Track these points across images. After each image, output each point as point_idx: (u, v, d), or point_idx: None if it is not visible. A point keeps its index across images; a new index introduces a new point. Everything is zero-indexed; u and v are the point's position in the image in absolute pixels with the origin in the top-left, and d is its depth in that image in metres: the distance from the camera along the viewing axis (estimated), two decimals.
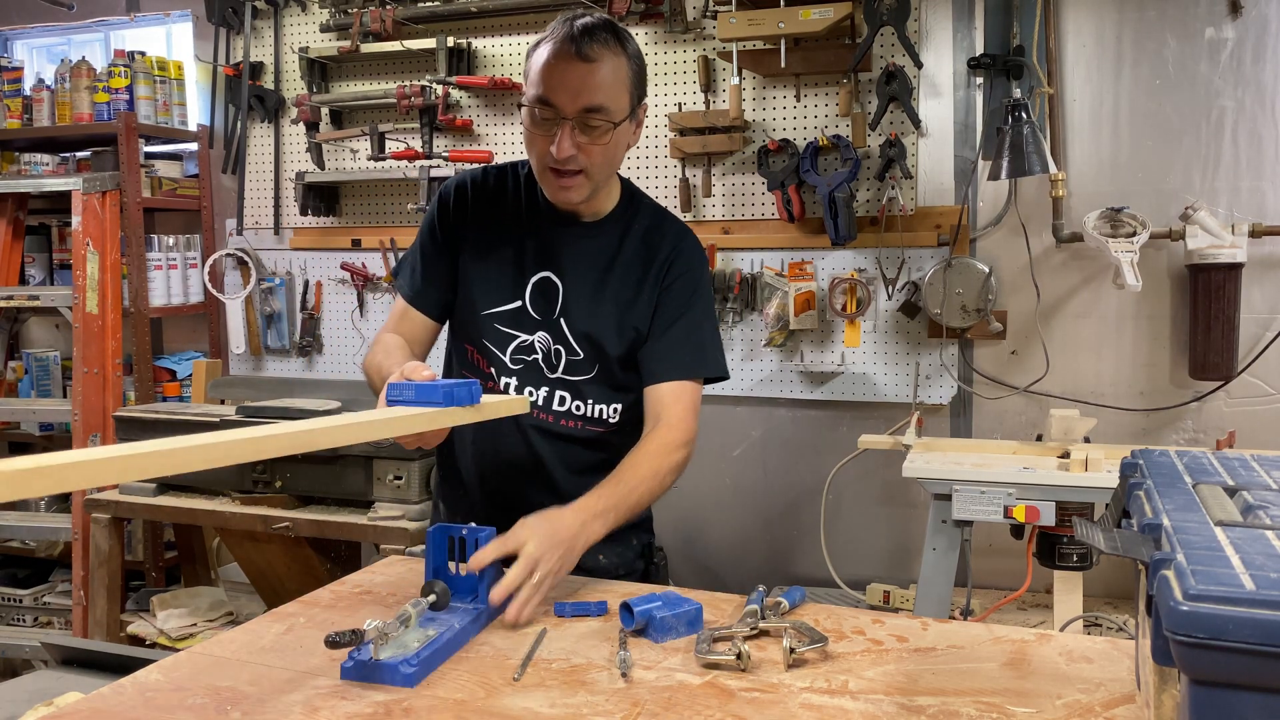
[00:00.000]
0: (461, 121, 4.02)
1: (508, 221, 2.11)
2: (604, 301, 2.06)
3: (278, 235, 4.41)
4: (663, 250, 2.09)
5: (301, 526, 3.25)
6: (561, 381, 2.08)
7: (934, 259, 3.53)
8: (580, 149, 1.92)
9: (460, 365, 2.18)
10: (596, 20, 1.92)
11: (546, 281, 2.07)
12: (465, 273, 2.12)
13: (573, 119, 1.90)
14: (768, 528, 3.89)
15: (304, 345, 4.38)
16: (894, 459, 3.23)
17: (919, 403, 3.58)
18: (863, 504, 3.75)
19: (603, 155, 1.96)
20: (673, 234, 2.12)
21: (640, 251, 2.09)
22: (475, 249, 2.11)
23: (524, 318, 2.08)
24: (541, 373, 2.08)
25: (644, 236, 2.10)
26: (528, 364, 2.08)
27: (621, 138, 1.98)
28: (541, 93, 1.90)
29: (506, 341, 2.09)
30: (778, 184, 3.61)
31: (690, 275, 2.10)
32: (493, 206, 2.12)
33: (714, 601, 1.79)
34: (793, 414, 3.81)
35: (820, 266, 3.68)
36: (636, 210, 2.13)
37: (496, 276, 2.09)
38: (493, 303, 2.09)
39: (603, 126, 1.92)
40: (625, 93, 1.94)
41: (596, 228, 2.09)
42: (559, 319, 2.07)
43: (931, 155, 3.56)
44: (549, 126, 1.92)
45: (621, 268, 2.08)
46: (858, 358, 3.68)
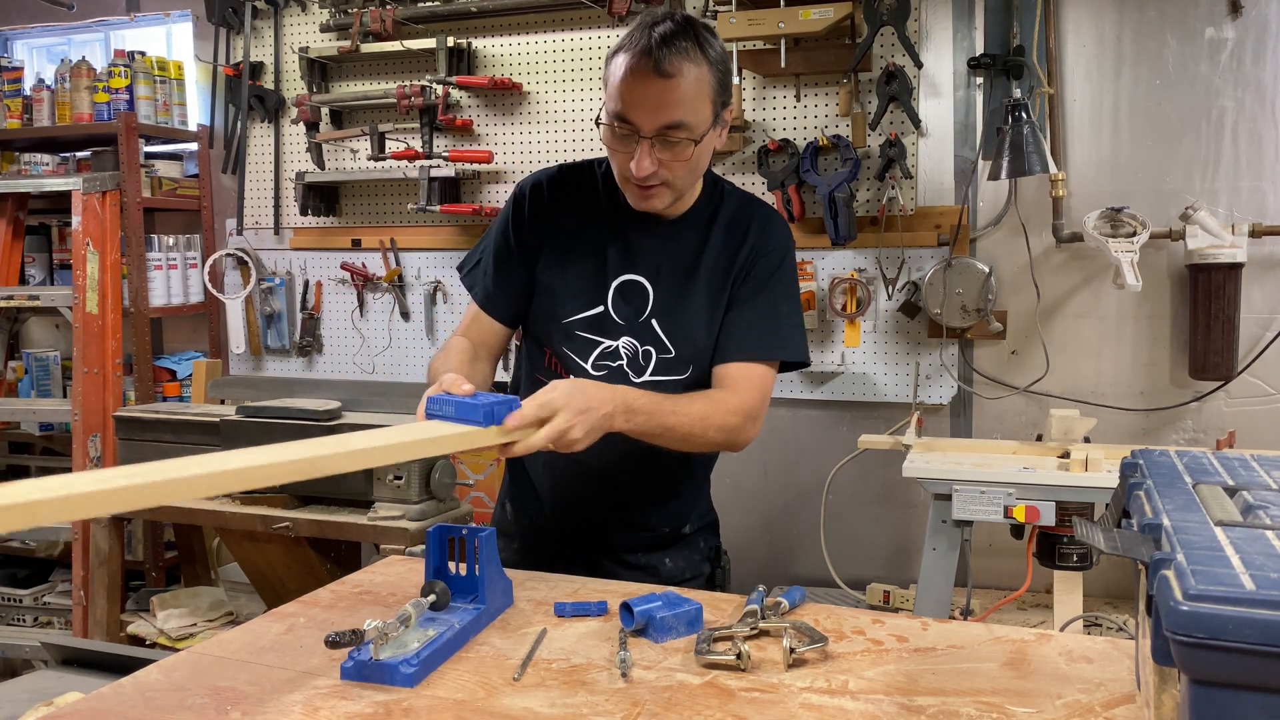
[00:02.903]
0: (461, 121, 4.02)
1: (587, 224, 2.03)
2: (696, 295, 2.00)
3: (278, 235, 4.41)
4: (750, 237, 2.02)
5: (301, 526, 3.25)
6: (649, 386, 1.98)
7: (934, 259, 3.53)
8: (661, 164, 1.84)
9: (534, 369, 2.11)
10: (677, 24, 1.81)
11: (631, 284, 2.01)
12: (543, 280, 2.05)
13: (651, 136, 1.82)
14: (768, 528, 3.89)
15: (304, 345, 4.38)
16: (894, 459, 3.23)
17: (919, 403, 3.58)
18: (863, 504, 3.76)
19: (685, 168, 1.88)
20: (759, 218, 2.04)
21: (727, 242, 2.02)
22: (553, 255, 2.04)
23: (607, 322, 2.01)
24: (626, 378, 2.00)
25: (729, 226, 2.03)
26: (612, 370, 2.01)
27: (706, 148, 1.90)
28: (619, 109, 1.82)
29: (589, 348, 2.02)
30: (778, 184, 3.61)
31: (772, 256, 2.02)
32: (571, 209, 2.05)
33: (714, 601, 1.78)
34: (793, 414, 3.81)
35: (820, 266, 3.68)
36: (721, 200, 2.05)
37: (577, 283, 2.02)
38: (573, 310, 2.02)
39: (683, 142, 1.84)
40: (708, 103, 1.85)
41: (681, 223, 2.02)
42: (649, 320, 2.00)
43: (931, 155, 3.56)
44: (628, 142, 1.85)
45: (710, 260, 2.01)
46: (858, 358, 3.68)
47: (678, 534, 2.18)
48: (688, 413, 1.86)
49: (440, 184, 4.00)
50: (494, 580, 1.72)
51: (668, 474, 2.12)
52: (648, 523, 2.14)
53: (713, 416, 1.89)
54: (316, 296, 4.38)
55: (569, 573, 1.96)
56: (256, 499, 3.35)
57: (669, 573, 2.15)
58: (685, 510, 2.18)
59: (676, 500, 2.16)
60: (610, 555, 2.14)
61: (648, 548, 2.16)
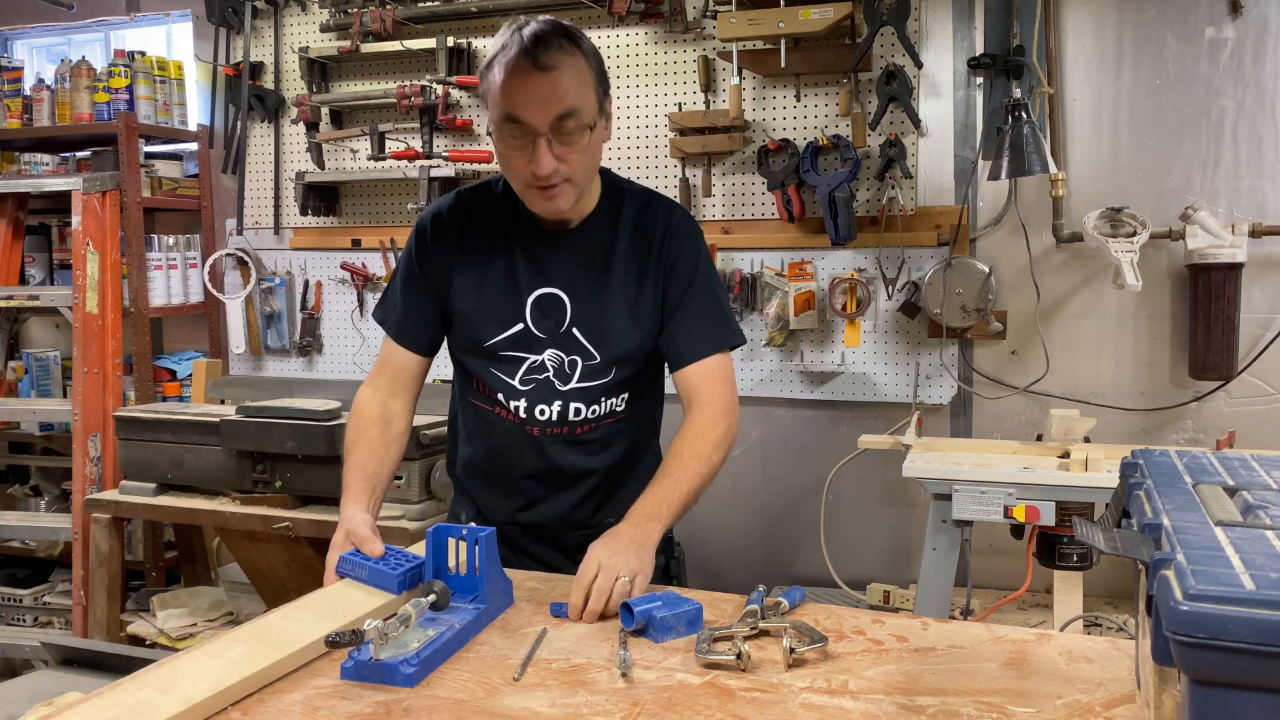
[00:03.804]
0: (461, 121, 4.02)
1: (493, 244, 2.06)
2: (612, 297, 2.03)
3: (277, 235, 4.41)
4: (656, 232, 2.05)
5: (301, 526, 3.25)
6: (577, 392, 2.05)
7: (934, 259, 3.53)
8: (561, 159, 1.87)
9: (465, 393, 2.17)
10: (545, 26, 1.86)
11: (547, 297, 2.03)
12: (459, 308, 2.08)
13: (546, 132, 1.85)
14: (767, 528, 3.89)
15: (304, 345, 4.38)
16: (894, 459, 3.23)
17: (919, 403, 3.58)
18: (863, 504, 3.75)
19: (583, 159, 1.91)
20: (663, 213, 2.08)
21: (635, 240, 2.05)
22: (465, 281, 2.07)
23: (528, 338, 2.04)
24: (553, 389, 2.05)
25: (635, 223, 2.06)
26: (538, 383, 2.05)
27: (598, 138, 1.94)
28: (508, 111, 1.84)
29: (514, 366, 2.05)
30: (778, 184, 3.61)
31: (690, 250, 2.06)
32: (474, 232, 2.08)
33: (714, 601, 1.79)
34: (792, 414, 3.81)
35: (820, 266, 3.68)
36: (622, 199, 2.09)
37: (492, 304, 2.05)
38: (493, 332, 2.05)
39: (578, 132, 1.87)
40: (591, 92, 1.89)
41: (586, 229, 2.05)
42: (570, 329, 2.03)
43: (931, 155, 3.56)
44: (523, 144, 1.87)
45: (621, 261, 2.04)
46: (858, 358, 3.68)
47: None
48: (688, 468, 1.94)
49: (440, 184, 3.99)
50: (494, 580, 1.72)
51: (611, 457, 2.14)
52: (590, 517, 2.17)
53: (704, 448, 1.97)
54: (316, 296, 4.38)
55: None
56: (257, 499, 3.35)
57: None
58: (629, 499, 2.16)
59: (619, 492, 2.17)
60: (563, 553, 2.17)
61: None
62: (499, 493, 2.17)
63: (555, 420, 2.06)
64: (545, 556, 2.17)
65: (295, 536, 3.27)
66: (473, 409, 2.16)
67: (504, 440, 2.11)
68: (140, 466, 3.55)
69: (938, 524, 2.85)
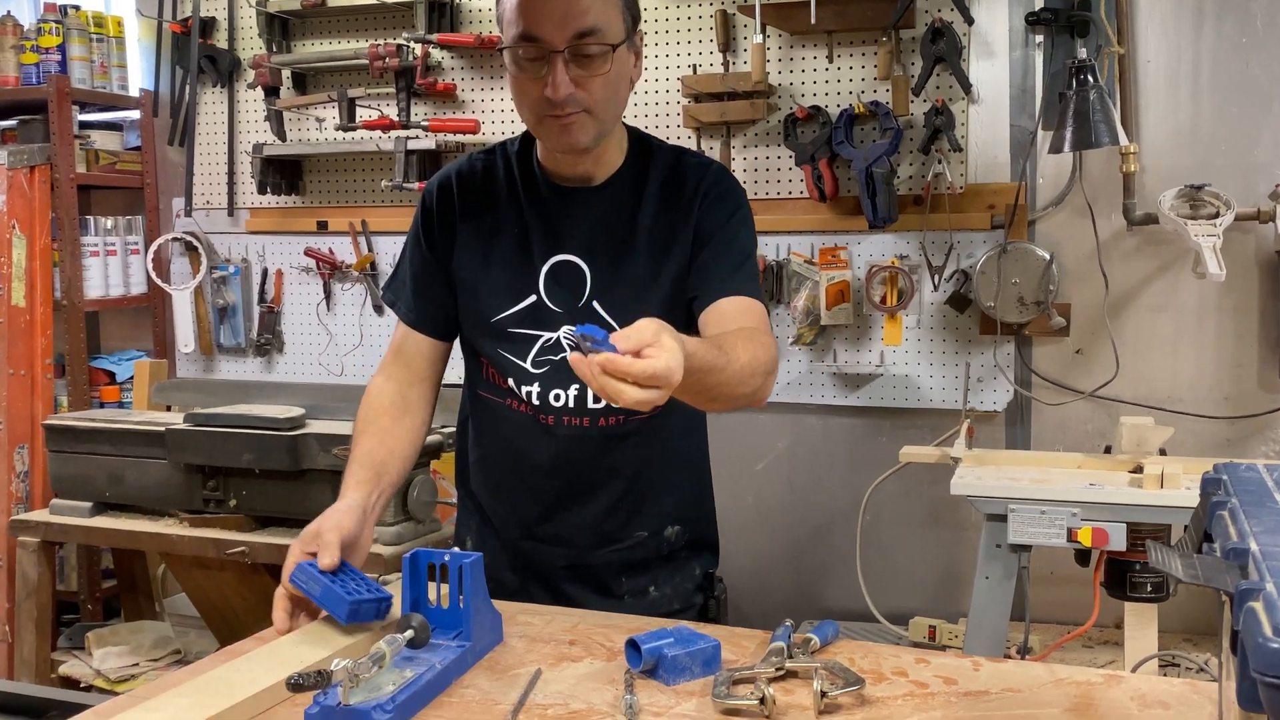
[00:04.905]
0: (443, 86, 4.03)
1: (503, 209, 2.09)
2: (636, 266, 2.04)
3: (232, 217, 4.41)
4: (687, 190, 2.05)
5: (259, 551, 3.25)
6: None
7: (987, 244, 3.53)
8: (578, 84, 1.88)
9: (474, 385, 2.19)
10: None
11: (563, 266, 2.05)
12: (464, 278, 2.10)
13: (564, 50, 1.86)
14: (795, 553, 3.89)
15: (263, 343, 4.38)
16: (941, 474, 3.22)
17: (970, 409, 3.57)
18: (904, 525, 3.76)
19: (604, 88, 1.92)
20: (695, 171, 2.08)
21: (663, 201, 2.05)
22: (471, 250, 2.10)
23: (542, 313, 2.05)
24: (570, 371, 1.93)
25: (664, 182, 2.07)
26: (553, 365, 2.05)
27: (622, 68, 1.95)
28: (523, 29, 1.87)
29: (526, 345, 2.07)
30: (807, 158, 3.61)
31: (726, 200, 2.05)
32: (484, 197, 2.11)
33: (733, 638, 1.79)
34: (824, 422, 3.81)
35: (856, 252, 3.68)
36: (650, 156, 2.10)
37: (502, 274, 2.07)
38: (502, 305, 2.07)
39: (599, 53, 1.88)
40: (616, 13, 1.91)
41: (608, 189, 2.07)
42: (590, 303, 2.04)
43: (984, 125, 3.56)
44: (538, 67, 1.88)
45: (647, 225, 2.05)
46: (899, 357, 3.68)
47: (660, 545, 2.19)
48: (736, 359, 1.75)
49: (419, 158, 4.00)
50: (481, 613, 1.72)
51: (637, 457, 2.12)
52: (619, 528, 2.15)
53: (758, 356, 1.81)
54: (277, 287, 4.39)
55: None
56: (208, 520, 3.35)
57: (651, 602, 2.17)
58: (667, 509, 2.19)
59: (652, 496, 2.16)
60: (585, 580, 2.16)
61: (627, 569, 2.17)
62: (511, 501, 2.17)
63: (572, 408, 2.06)
64: (570, 590, 2.16)
65: (252, 563, 3.28)
66: (483, 406, 2.17)
67: (515, 435, 2.12)
68: (74, 483, 3.55)
69: (991, 549, 2.85)
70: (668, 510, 2.19)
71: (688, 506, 2.25)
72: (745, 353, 1.78)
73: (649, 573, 2.19)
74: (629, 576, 2.17)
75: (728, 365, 1.72)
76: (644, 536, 2.17)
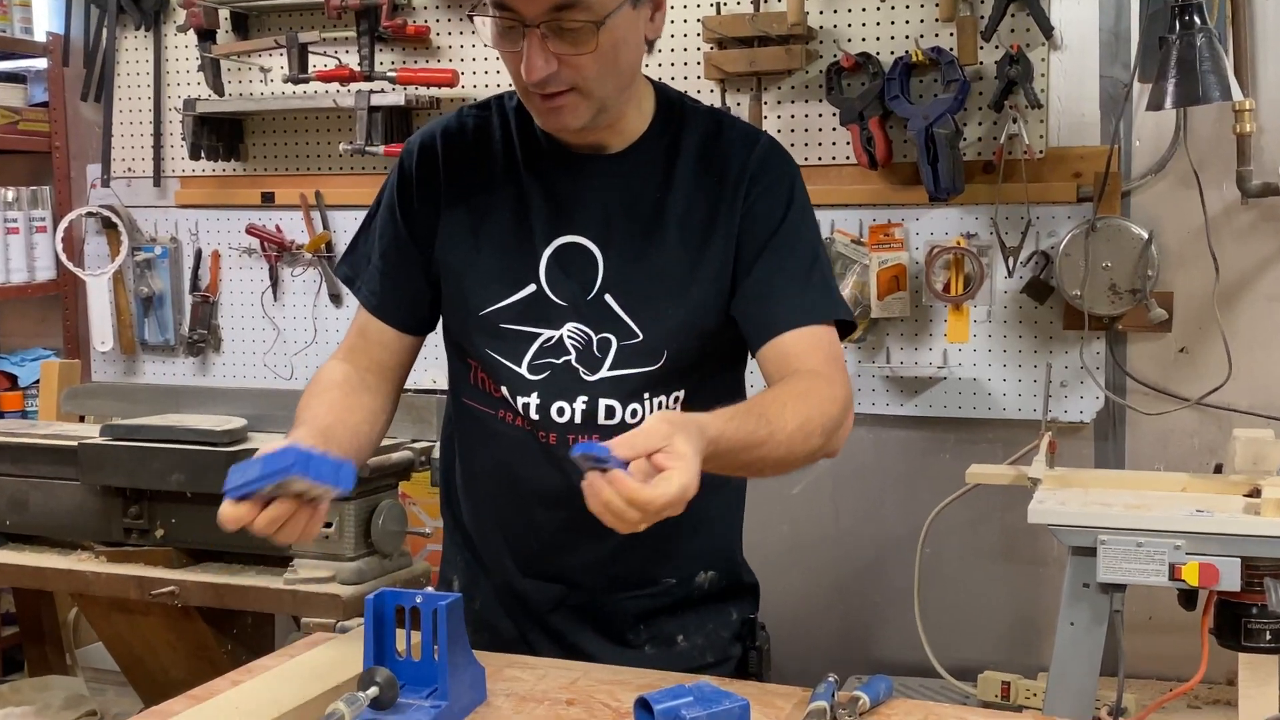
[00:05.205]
0: (414, 29, 4.02)
1: (499, 178, 2.07)
2: (662, 254, 2.02)
3: (159, 187, 4.43)
4: (731, 166, 2.03)
5: (191, 592, 3.24)
6: (609, 384, 2.01)
7: (1071, 220, 3.53)
8: (563, 61, 1.86)
9: (459, 392, 2.17)
10: None
11: (571, 249, 2.03)
12: (448, 261, 2.08)
13: (539, 25, 1.84)
14: (840, 593, 3.89)
15: (195, 340, 4.39)
16: (1016, 498, 3.21)
17: (1051, 420, 3.57)
18: (972, 560, 3.76)
19: (596, 65, 1.89)
20: (741, 142, 2.06)
21: (699, 177, 2.04)
22: (458, 227, 2.08)
23: (542, 306, 2.03)
24: (576, 378, 2.02)
25: (701, 154, 2.05)
26: (555, 370, 2.02)
27: (621, 35, 1.91)
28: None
29: (521, 345, 2.03)
30: (854, 116, 3.60)
31: (779, 188, 2.04)
32: (476, 162, 2.09)
33: (765, 696, 1.78)
34: (874, 435, 3.81)
35: (914, 230, 3.69)
36: (682, 121, 2.08)
37: (495, 258, 2.05)
38: (494, 296, 2.04)
39: (582, 29, 1.85)
40: None
41: (630, 159, 2.05)
42: (601, 295, 2.02)
43: (1069, 76, 3.56)
44: (516, 40, 1.87)
45: (679, 203, 2.03)
46: (965, 357, 3.68)
47: (691, 591, 2.18)
48: (783, 428, 1.80)
49: (385, 116, 4.01)
50: (459, 667, 1.71)
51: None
52: (641, 571, 2.14)
53: (812, 418, 1.85)
54: (213, 272, 4.39)
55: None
56: (130, 554, 3.34)
57: (680, 654, 2.15)
58: (700, 550, 2.18)
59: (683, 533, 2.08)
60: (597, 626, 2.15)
61: (648, 615, 2.16)
62: (504, 534, 2.15)
63: (579, 423, 2.02)
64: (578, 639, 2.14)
65: (183, 606, 3.27)
66: (471, 418, 2.15)
67: (508, 455, 2.09)
68: None
69: (1077, 589, 2.84)
70: (700, 551, 2.17)
71: (724, 546, 2.24)
72: (796, 415, 1.81)
73: (676, 618, 2.17)
74: (650, 624, 2.16)
75: (770, 437, 1.77)
76: (671, 583, 2.16)
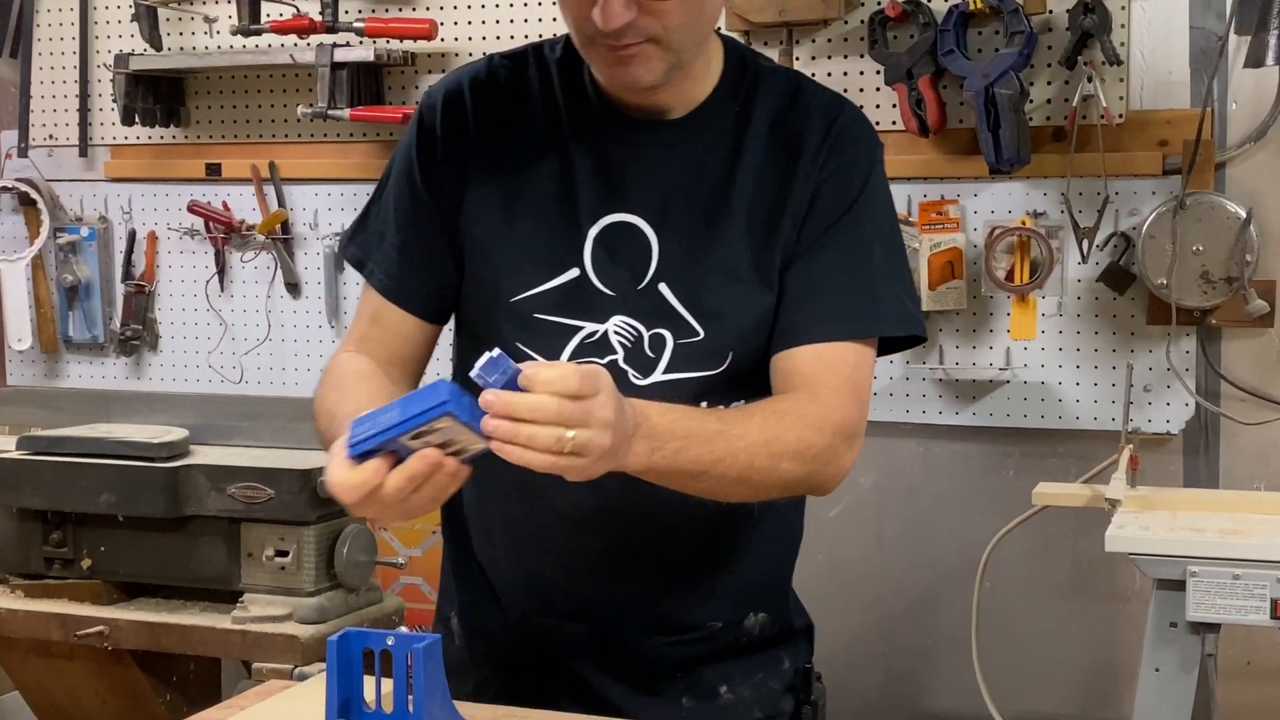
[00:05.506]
0: None
1: (539, 142, 2.05)
2: (729, 240, 2.01)
3: (85, 158, 4.45)
4: (807, 140, 2.02)
5: (124, 633, 3.25)
6: (664, 390, 1.98)
7: (1156, 195, 3.54)
8: (642, 8, 1.83)
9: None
10: None
11: (620, 230, 2.01)
12: (476, 237, 2.06)
13: None
14: (885, 634, 3.90)
15: (129, 337, 4.41)
16: (1091, 522, 3.23)
17: (1133, 431, 3.56)
18: (1039, 596, 3.77)
19: (681, 13, 1.87)
20: (821, 109, 2.05)
21: (772, 148, 2.02)
22: (488, 197, 2.06)
23: (586, 294, 2.01)
24: (624, 382, 1.96)
25: (775, 122, 2.04)
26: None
27: None
28: None
29: (560, 340, 2.01)
30: (902, 74, 3.61)
31: (853, 171, 2.02)
32: (511, 121, 2.07)
33: None
34: (924, 449, 3.81)
35: (971, 208, 3.70)
36: (755, 83, 2.06)
37: (531, 236, 2.03)
38: (529, 281, 2.02)
39: None
40: None
41: (693, 125, 2.04)
42: (655, 285, 2.00)
43: (1153, 27, 3.56)
44: None
45: (750, 181, 2.02)
46: (1031, 357, 3.69)
47: (739, 636, 2.17)
48: (742, 435, 1.82)
49: (351, 74, 4.01)
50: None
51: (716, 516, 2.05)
52: (683, 612, 2.13)
53: (783, 437, 1.86)
54: (149, 258, 4.41)
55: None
56: (51, 588, 3.34)
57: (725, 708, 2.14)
58: (750, 587, 2.17)
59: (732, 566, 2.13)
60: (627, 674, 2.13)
61: (689, 663, 2.14)
62: (521, 566, 2.13)
63: None
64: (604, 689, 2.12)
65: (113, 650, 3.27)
66: None
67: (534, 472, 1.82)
68: None
69: (1163, 629, 2.86)
70: (751, 589, 2.16)
71: (777, 584, 2.23)
72: (763, 429, 1.83)
73: (720, 667, 2.15)
74: (690, 672, 2.14)
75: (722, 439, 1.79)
76: (717, 628, 2.14)
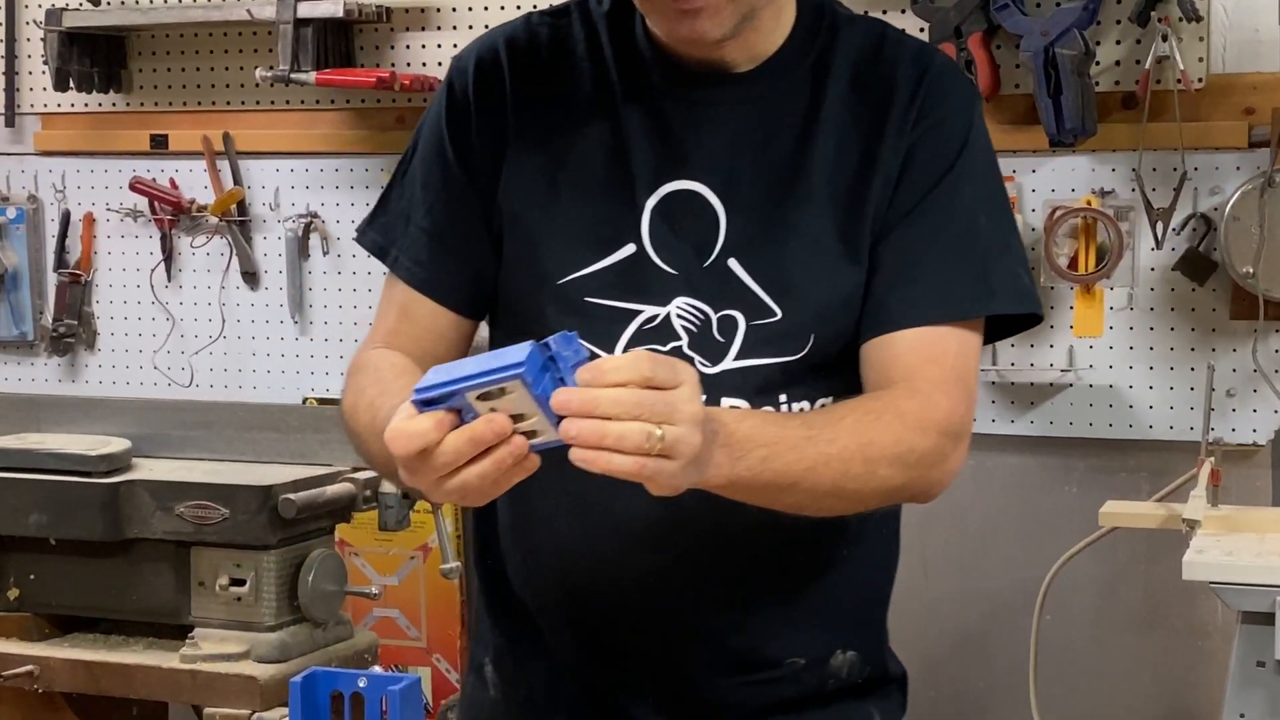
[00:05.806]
0: None
1: (586, 105, 2.07)
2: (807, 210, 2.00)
3: (12, 128, 4.50)
4: (896, 95, 2.02)
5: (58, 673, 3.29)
6: (737, 378, 1.97)
7: (1242, 172, 3.57)
8: None
9: None
10: None
11: (682, 199, 2.01)
12: (517, 215, 2.07)
13: None
14: (931, 675, 3.92)
15: (62, 334, 4.46)
16: (1166, 546, 3.25)
17: (1214, 442, 3.55)
18: (1107, 628, 3.81)
19: None
20: (908, 61, 2.05)
21: (855, 105, 2.03)
22: (529, 169, 2.06)
23: (644, 272, 2.01)
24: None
25: (856, 76, 2.04)
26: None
27: None
28: None
29: (616, 326, 2.00)
30: (950, 32, 3.65)
31: (951, 127, 2.02)
32: (554, 82, 2.08)
33: None
34: (976, 461, 3.81)
35: (1028, 185, 3.74)
36: (834, 33, 2.07)
37: (581, 210, 2.04)
38: (578, 260, 2.02)
39: None
40: None
41: (763, 80, 2.04)
42: (722, 261, 2.00)
43: None
44: None
45: (827, 141, 2.02)
46: (1098, 356, 3.73)
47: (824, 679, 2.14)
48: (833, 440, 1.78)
49: (317, 31, 4.01)
50: None
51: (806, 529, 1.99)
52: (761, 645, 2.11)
53: (880, 440, 1.84)
54: (85, 243, 4.47)
55: None
56: None
57: None
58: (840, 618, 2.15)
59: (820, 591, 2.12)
60: None
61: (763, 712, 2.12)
62: (569, 595, 2.09)
63: None
64: None
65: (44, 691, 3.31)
66: None
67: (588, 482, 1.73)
68: None
69: (1249, 668, 2.89)
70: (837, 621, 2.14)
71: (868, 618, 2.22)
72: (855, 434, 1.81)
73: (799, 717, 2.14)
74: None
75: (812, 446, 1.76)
76: (799, 665, 2.11)
